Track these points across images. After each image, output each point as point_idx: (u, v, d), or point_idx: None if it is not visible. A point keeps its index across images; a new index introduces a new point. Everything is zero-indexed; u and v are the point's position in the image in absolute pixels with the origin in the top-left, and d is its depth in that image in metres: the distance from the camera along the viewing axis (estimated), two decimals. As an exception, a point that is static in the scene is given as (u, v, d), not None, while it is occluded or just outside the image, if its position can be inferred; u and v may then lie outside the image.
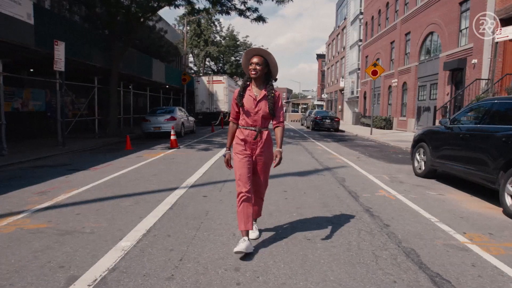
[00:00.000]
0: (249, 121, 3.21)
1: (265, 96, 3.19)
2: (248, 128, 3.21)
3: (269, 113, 3.18)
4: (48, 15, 11.37)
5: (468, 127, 5.98)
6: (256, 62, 3.15)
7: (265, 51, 3.20)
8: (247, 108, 3.19)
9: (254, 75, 3.16)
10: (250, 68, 3.17)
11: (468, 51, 15.04)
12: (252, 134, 3.20)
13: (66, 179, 6.50)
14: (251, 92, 3.22)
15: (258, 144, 3.22)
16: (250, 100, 3.20)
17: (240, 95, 3.22)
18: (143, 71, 19.50)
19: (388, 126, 24.18)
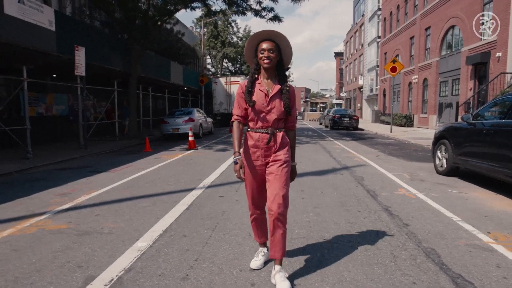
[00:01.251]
0: (259, 122, 2.61)
1: (280, 92, 2.61)
2: (259, 131, 2.62)
3: (284, 112, 2.61)
4: (68, 22, 11.69)
5: (492, 122, 5.75)
6: (269, 48, 2.54)
7: (277, 33, 2.58)
8: (258, 107, 2.58)
9: (268, 64, 2.55)
10: (261, 56, 2.56)
11: (492, 44, 14.54)
12: (264, 138, 2.61)
13: (87, 181, 6.65)
14: (261, 86, 2.61)
15: (272, 149, 2.64)
16: (261, 97, 2.59)
17: (248, 91, 2.61)
18: (161, 74, 19.78)
19: (409, 123, 23.65)
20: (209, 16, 22.51)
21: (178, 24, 29.14)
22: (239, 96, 2.67)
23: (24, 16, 8.94)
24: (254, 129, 2.65)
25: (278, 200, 2.51)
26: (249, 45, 2.66)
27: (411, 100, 24.81)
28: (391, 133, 17.59)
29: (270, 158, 2.64)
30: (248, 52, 2.70)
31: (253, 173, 2.67)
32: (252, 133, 2.66)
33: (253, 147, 2.65)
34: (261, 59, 2.57)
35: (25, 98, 9.78)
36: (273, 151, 2.63)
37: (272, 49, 2.54)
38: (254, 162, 2.66)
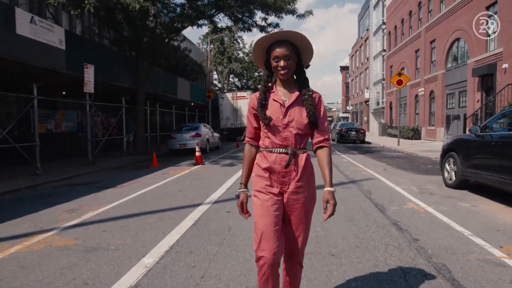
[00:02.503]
0: (276, 140, 2.05)
1: (299, 99, 2.06)
2: (275, 151, 2.05)
3: (307, 124, 2.04)
4: (78, 40, 11.96)
5: (501, 134, 5.70)
6: (284, 54, 1.99)
7: (293, 34, 2.01)
8: (273, 121, 2.04)
9: (285, 75, 2.03)
10: (276, 65, 2.03)
11: (498, 56, 14.50)
12: (282, 159, 2.04)
13: (95, 196, 6.68)
14: (276, 95, 2.09)
15: (291, 175, 2.04)
16: (276, 108, 2.06)
17: (261, 104, 2.07)
18: (168, 90, 20.01)
19: (416, 136, 23.50)
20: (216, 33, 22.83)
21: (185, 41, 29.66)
22: (249, 113, 2.18)
23: (35, 36, 9.17)
24: (270, 149, 2.08)
25: (298, 247, 2.14)
26: (258, 50, 2.12)
27: (418, 113, 24.71)
28: (399, 146, 17.47)
29: (288, 187, 2.06)
30: (257, 57, 2.16)
31: (265, 205, 2.03)
32: (266, 153, 2.09)
33: (268, 171, 2.07)
34: (275, 68, 2.04)
35: (35, 115, 9.94)
36: (293, 178, 2.05)
37: (288, 55, 1.99)
38: (268, 190, 2.06)
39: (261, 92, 2.11)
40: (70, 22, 18.26)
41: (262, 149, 2.14)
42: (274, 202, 2.04)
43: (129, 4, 11.74)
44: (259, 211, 2.03)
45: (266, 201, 2.04)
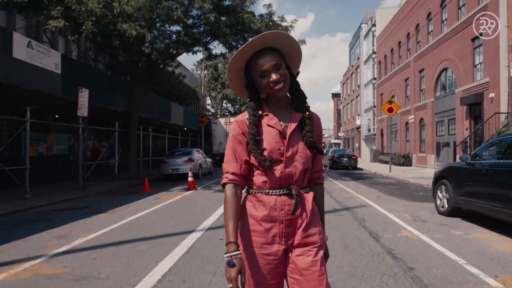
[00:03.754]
0: (275, 179, 1.55)
1: (302, 123, 1.60)
2: (274, 192, 1.55)
3: (314, 154, 1.64)
4: (74, 65, 12.07)
5: (491, 162, 5.80)
6: (273, 65, 1.53)
7: (274, 35, 1.54)
8: (272, 153, 1.54)
9: (282, 90, 1.55)
10: (266, 82, 1.54)
11: (484, 86, 14.95)
12: (284, 203, 1.55)
13: (85, 222, 6.55)
14: (271, 119, 1.58)
15: (297, 222, 1.56)
16: (274, 137, 1.56)
17: (254, 139, 1.54)
18: (162, 115, 20.10)
19: (407, 162, 23.73)
20: (210, 59, 23.28)
21: (179, 67, 30.08)
22: (236, 140, 1.59)
23: (32, 60, 9.24)
24: (265, 190, 1.56)
25: None
26: (233, 74, 1.62)
27: (409, 140, 25.06)
28: (390, 173, 17.59)
29: (294, 239, 1.55)
30: (235, 83, 1.66)
31: (261, 274, 1.52)
32: (261, 196, 1.56)
33: (266, 221, 1.54)
34: (267, 87, 1.55)
35: (27, 138, 9.87)
36: (300, 226, 1.55)
37: (278, 64, 1.53)
38: (266, 252, 1.52)
39: (252, 125, 1.55)
40: (66, 47, 18.48)
41: (254, 191, 1.57)
42: (274, 269, 1.51)
43: (126, 31, 11.96)
44: (255, 278, 1.52)
45: (264, 268, 1.51)
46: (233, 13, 14.68)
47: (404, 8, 25.45)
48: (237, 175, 1.57)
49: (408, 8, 24.44)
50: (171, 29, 15.90)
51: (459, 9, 17.56)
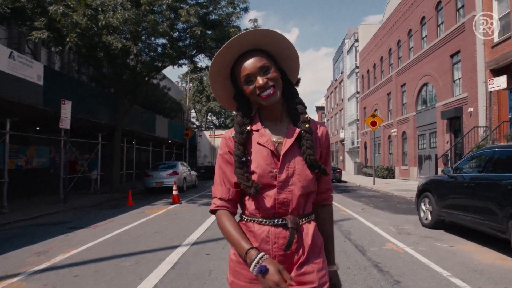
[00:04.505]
0: (267, 206, 1.30)
1: (300, 138, 1.32)
2: (267, 222, 1.31)
3: (314, 178, 1.34)
4: (57, 76, 11.91)
5: (471, 175, 5.95)
6: (259, 67, 1.27)
7: (261, 33, 1.30)
8: (262, 177, 1.29)
9: (272, 97, 1.28)
10: (252, 89, 1.29)
11: (463, 100, 15.42)
12: (278, 235, 1.30)
13: (66, 237, 6.37)
14: (262, 136, 1.33)
15: (293, 258, 1.32)
16: (265, 157, 1.31)
17: (240, 161, 1.29)
18: (146, 127, 19.92)
19: (391, 175, 24.08)
20: (195, 72, 23.33)
21: (164, 79, 30.01)
22: (223, 160, 1.37)
23: (13, 71, 9.06)
24: (258, 218, 1.32)
25: None
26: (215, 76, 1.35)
27: (392, 153, 25.48)
28: (374, 185, 17.79)
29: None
30: (220, 88, 1.39)
31: None
32: (253, 225, 1.32)
33: None
34: (253, 94, 1.29)
35: (6, 151, 9.60)
36: (296, 262, 1.31)
37: (265, 67, 1.27)
38: (255, 285, 1.28)
39: (237, 144, 1.30)
40: (49, 58, 18.21)
41: (246, 218, 1.35)
42: None
43: (111, 43, 11.90)
44: None
45: None
46: (219, 27, 14.83)
47: (385, 25, 26.20)
48: (225, 200, 1.34)
49: (389, 25, 25.18)
50: (157, 42, 15.93)
51: (438, 27, 18.19)
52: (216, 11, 15.43)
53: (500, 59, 13.08)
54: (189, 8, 13.25)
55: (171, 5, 12.98)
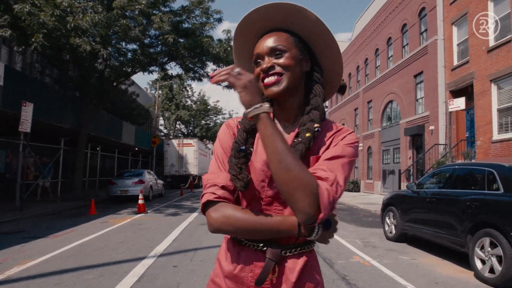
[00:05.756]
0: None
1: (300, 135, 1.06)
2: (251, 245, 1.08)
3: None
4: (18, 77, 11.34)
5: (433, 191, 6.22)
6: (270, 48, 1.06)
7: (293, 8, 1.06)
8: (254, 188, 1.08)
9: (272, 86, 1.05)
10: (258, 71, 1.08)
11: (425, 119, 16.19)
12: (257, 265, 1.06)
13: (22, 248, 5.99)
14: None
15: None
16: (265, 161, 1.05)
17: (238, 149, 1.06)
18: (112, 133, 19.32)
19: (356, 188, 24.71)
20: (165, 80, 23.04)
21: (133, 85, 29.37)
22: (225, 145, 1.12)
23: (-30, 70, 8.54)
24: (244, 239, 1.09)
25: None
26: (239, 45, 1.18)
27: (357, 167, 26.20)
28: (340, 198, 18.15)
29: None
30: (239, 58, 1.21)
31: None
32: (234, 245, 1.12)
33: (229, 279, 1.10)
34: (258, 79, 1.09)
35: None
36: None
37: (279, 49, 1.07)
38: None
39: (241, 131, 1.08)
40: (10, 57, 17.34)
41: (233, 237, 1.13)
42: None
43: (80, 46, 11.53)
44: None
45: None
46: (192, 36, 14.77)
47: (354, 43, 27.19)
48: (229, 191, 1.05)
49: (358, 43, 26.14)
50: (127, 47, 15.61)
51: (403, 48, 19.10)
52: (189, 20, 15.39)
53: (458, 81, 13.91)
54: (163, 15, 13.13)
55: (144, 11, 12.81)
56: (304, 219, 0.93)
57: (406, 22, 18.62)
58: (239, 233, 1.04)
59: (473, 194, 5.15)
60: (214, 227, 1.02)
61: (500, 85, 11.90)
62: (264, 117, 0.97)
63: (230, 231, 1.03)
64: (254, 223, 1.00)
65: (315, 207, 0.92)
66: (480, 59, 12.58)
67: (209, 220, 1.02)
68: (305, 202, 0.91)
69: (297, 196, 0.92)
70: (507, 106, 11.49)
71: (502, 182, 4.83)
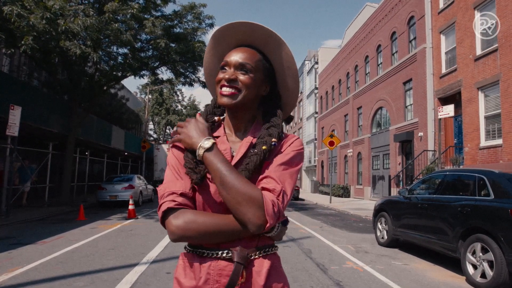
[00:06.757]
0: None
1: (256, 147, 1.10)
2: (210, 254, 1.06)
3: None
4: (5, 79, 11.16)
5: (425, 197, 6.29)
6: (239, 62, 1.12)
7: (264, 32, 1.14)
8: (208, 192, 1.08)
9: (229, 98, 1.11)
10: (221, 77, 1.13)
11: (414, 125, 16.41)
12: (222, 274, 1.05)
13: (9, 255, 5.84)
14: (223, 145, 1.14)
15: None
16: None
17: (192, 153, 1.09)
18: (102, 138, 19.10)
19: (346, 194, 24.84)
20: (156, 84, 22.92)
21: (123, 89, 29.14)
22: (179, 151, 1.14)
23: (-43, 72, 8.36)
24: (202, 249, 1.08)
25: None
26: (210, 56, 1.25)
27: (347, 172, 26.37)
28: (331, 204, 18.23)
29: None
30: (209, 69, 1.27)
31: None
32: (194, 257, 1.09)
33: None
34: (217, 85, 1.14)
35: None
36: None
37: (247, 67, 1.11)
38: None
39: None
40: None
41: (189, 249, 1.11)
42: None
43: (70, 49, 11.38)
44: None
45: None
46: (184, 40, 14.75)
47: (344, 50, 27.49)
48: (187, 197, 1.05)
49: (348, 50, 26.44)
50: (118, 51, 15.49)
51: (393, 55, 19.40)
52: (181, 24, 15.37)
53: (446, 89, 14.16)
54: (155, 19, 13.08)
55: (136, 15, 12.74)
56: (253, 229, 1.00)
57: (395, 30, 18.93)
58: (202, 237, 1.04)
59: (464, 200, 5.22)
60: (177, 235, 1.02)
61: (486, 93, 12.16)
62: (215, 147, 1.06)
63: (193, 237, 1.03)
64: (217, 224, 1.03)
65: (261, 217, 0.99)
66: (467, 68, 12.84)
67: (170, 228, 1.02)
68: (250, 214, 0.98)
69: (242, 210, 0.99)
70: (493, 114, 11.74)
71: (493, 188, 4.91)
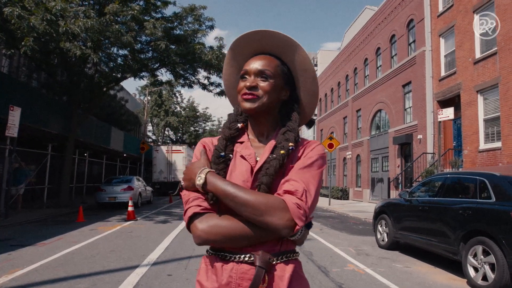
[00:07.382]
0: None
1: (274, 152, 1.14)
2: (233, 258, 1.08)
3: None
4: (5, 80, 11.13)
5: (426, 199, 6.30)
6: (258, 70, 1.16)
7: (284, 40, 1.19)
8: None
9: (251, 104, 1.15)
10: (242, 87, 1.17)
11: (413, 128, 16.45)
12: (242, 276, 1.06)
13: (9, 256, 5.82)
14: (246, 149, 1.19)
15: None
16: (244, 173, 1.14)
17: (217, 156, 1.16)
18: (101, 139, 19.06)
19: (345, 196, 24.84)
20: (155, 86, 22.92)
21: (122, 91, 29.13)
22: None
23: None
24: (225, 253, 1.10)
25: None
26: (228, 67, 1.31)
27: (346, 174, 26.39)
28: (330, 206, 18.22)
29: None
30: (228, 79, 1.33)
31: None
32: (216, 260, 1.12)
33: None
34: (240, 93, 1.17)
35: None
36: None
37: (267, 74, 1.16)
38: None
39: (222, 139, 1.18)
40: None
41: (211, 252, 1.14)
42: None
43: (70, 50, 11.37)
44: None
45: None
46: (184, 42, 14.75)
47: (343, 52, 27.55)
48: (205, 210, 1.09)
49: (347, 53, 26.51)
50: (118, 52, 15.48)
51: (392, 58, 19.45)
52: (182, 26, 15.37)
53: (446, 91, 14.21)
54: (155, 21, 13.09)
55: (136, 17, 12.75)
56: (284, 232, 1.02)
57: (394, 33, 18.99)
58: (227, 241, 1.06)
59: (465, 202, 5.23)
60: (202, 239, 1.06)
61: (486, 96, 12.20)
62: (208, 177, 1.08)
63: (218, 241, 1.06)
64: (241, 228, 1.04)
65: (289, 221, 1.01)
66: (466, 71, 12.88)
67: (196, 232, 1.06)
68: (276, 220, 1.01)
69: (266, 220, 1.01)
70: (493, 117, 11.77)
71: (494, 191, 4.92)
